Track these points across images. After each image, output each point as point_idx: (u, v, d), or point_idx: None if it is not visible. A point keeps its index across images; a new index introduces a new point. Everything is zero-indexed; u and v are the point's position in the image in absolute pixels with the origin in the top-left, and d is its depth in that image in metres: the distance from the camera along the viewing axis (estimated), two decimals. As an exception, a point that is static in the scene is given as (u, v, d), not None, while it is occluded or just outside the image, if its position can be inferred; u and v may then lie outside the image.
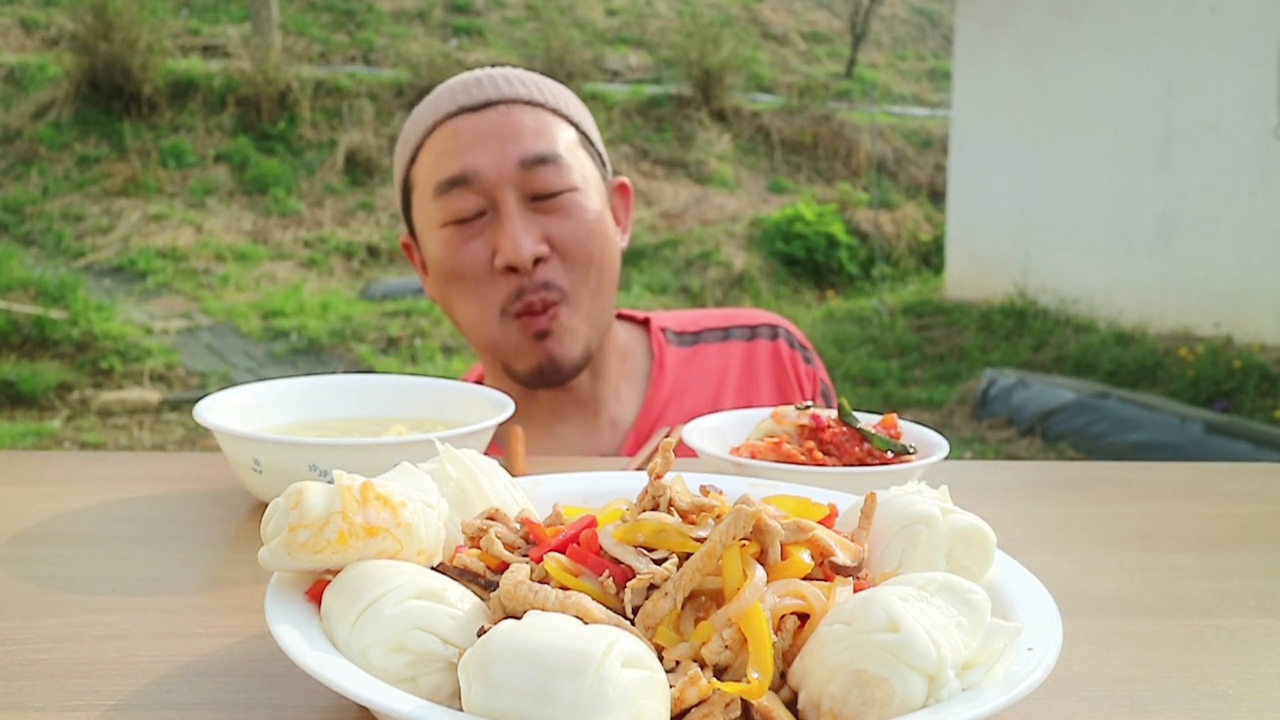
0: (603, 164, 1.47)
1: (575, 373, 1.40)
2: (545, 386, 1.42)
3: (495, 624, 0.53)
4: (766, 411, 1.05)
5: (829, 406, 1.42)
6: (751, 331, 1.61)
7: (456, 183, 1.33)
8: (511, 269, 1.32)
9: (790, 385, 1.56)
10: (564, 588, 0.57)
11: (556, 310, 1.35)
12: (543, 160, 1.33)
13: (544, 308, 1.34)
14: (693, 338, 1.60)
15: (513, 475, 1.16)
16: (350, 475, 0.60)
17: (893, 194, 13.12)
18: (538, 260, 1.33)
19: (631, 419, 1.50)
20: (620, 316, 1.61)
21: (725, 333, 1.62)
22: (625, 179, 1.53)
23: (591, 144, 1.44)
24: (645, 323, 1.62)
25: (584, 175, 1.38)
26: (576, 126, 1.42)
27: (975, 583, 0.57)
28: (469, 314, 1.38)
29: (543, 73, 1.47)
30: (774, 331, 1.62)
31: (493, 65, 1.43)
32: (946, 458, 0.99)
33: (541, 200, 1.34)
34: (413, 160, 1.40)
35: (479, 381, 1.55)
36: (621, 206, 1.51)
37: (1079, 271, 8.85)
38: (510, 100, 1.37)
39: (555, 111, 1.39)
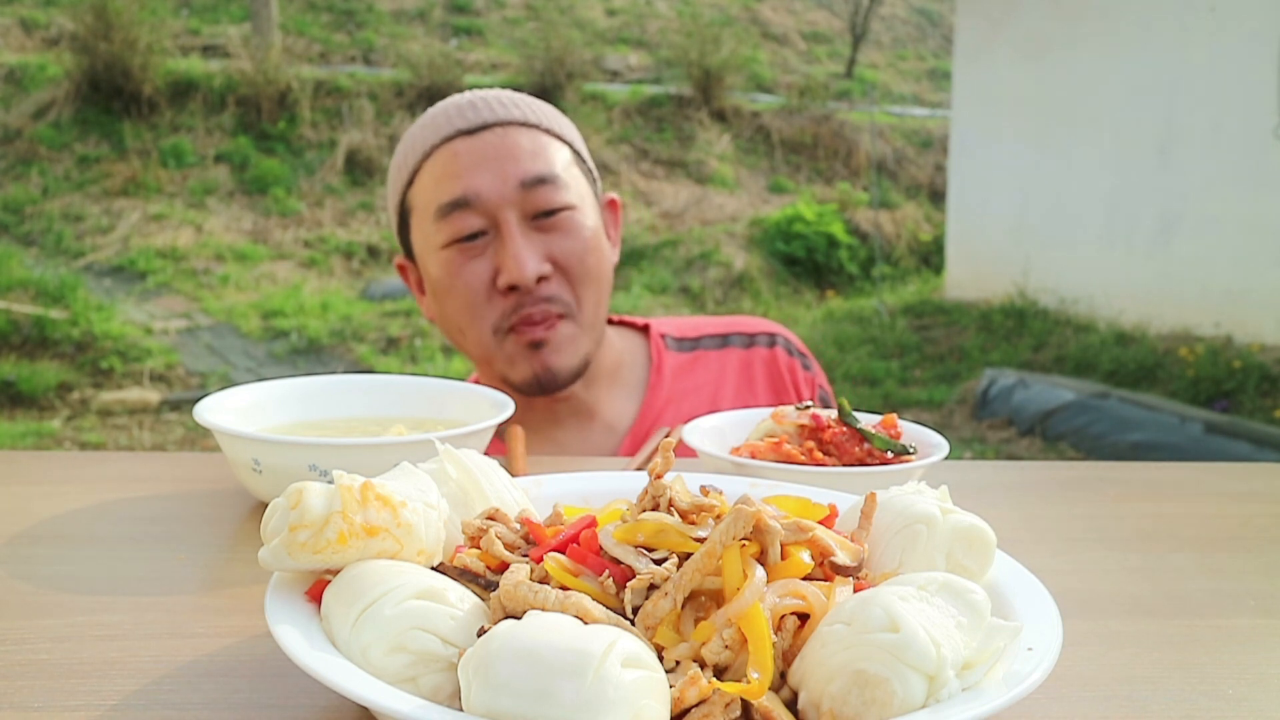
0: (593, 181, 1.51)
1: (572, 381, 1.43)
2: (542, 394, 1.44)
3: (495, 624, 0.53)
4: (766, 412, 1.05)
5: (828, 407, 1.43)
6: (750, 339, 1.63)
7: (458, 205, 1.35)
8: (513, 288, 1.36)
9: (788, 392, 1.58)
10: (564, 588, 0.57)
11: (558, 324, 1.39)
12: (542, 180, 1.37)
13: (544, 319, 1.38)
14: (692, 344, 1.62)
15: (513, 475, 1.16)
16: (350, 475, 0.60)
17: (893, 194, 13.12)
18: (541, 279, 1.36)
19: (628, 424, 1.52)
20: (621, 323, 1.64)
21: (724, 339, 1.63)
22: (615, 195, 1.58)
23: (583, 161, 1.48)
24: (645, 329, 1.64)
25: (580, 193, 1.42)
26: (570, 145, 1.45)
27: (975, 583, 0.57)
28: (468, 331, 1.41)
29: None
30: (772, 339, 1.63)
31: (481, 88, 1.49)
32: (946, 458, 0.99)
33: (541, 219, 1.37)
34: (409, 184, 1.43)
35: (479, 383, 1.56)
36: (612, 222, 1.55)
37: (1079, 271, 8.85)
38: (506, 122, 1.40)
39: (549, 132, 1.43)
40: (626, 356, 1.59)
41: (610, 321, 1.63)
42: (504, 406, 1.05)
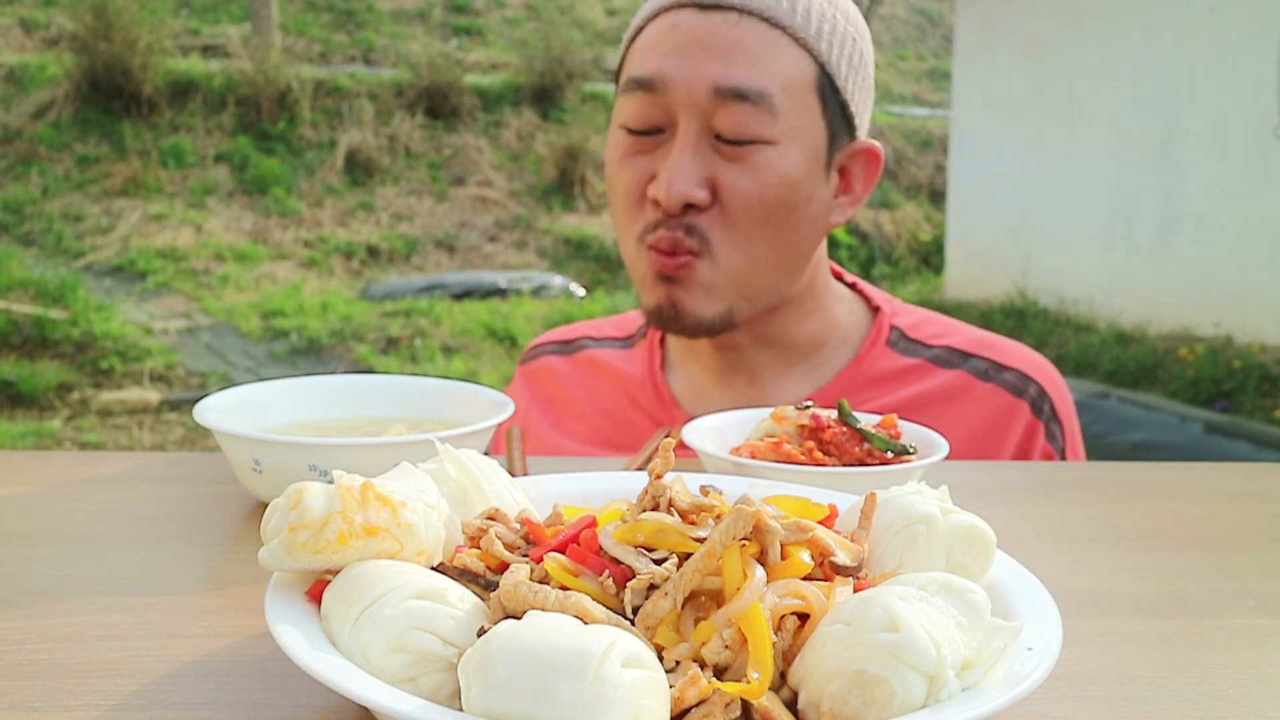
0: (846, 119, 1.24)
1: (704, 332, 1.24)
2: (666, 330, 1.27)
3: (495, 624, 0.53)
4: (766, 412, 1.05)
5: None
6: (995, 370, 1.30)
7: (643, 85, 1.18)
8: (658, 203, 1.18)
9: (1005, 454, 1.26)
10: (564, 588, 0.57)
11: (692, 262, 1.19)
12: (741, 95, 1.14)
13: (673, 250, 1.19)
14: (919, 349, 1.33)
15: (513, 476, 1.15)
16: (350, 475, 0.60)
17: (893, 194, 13.12)
18: (689, 206, 1.17)
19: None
20: (853, 287, 1.40)
21: (961, 358, 1.31)
22: (877, 145, 1.29)
23: (837, 92, 1.21)
24: (877, 310, 1.38)
25: (794, 126, 1.17)
26: (823, 66, 1.19)
27: (975, 583, 0.57)
28: (619, 231, 1.26)
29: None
30: (1024, 385, 1.28)
31: None
32: (946, 458, 0.99)
33: (726, 143, 1.17)
34: (633, 39, 1.25)
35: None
36: (862, 174, 1.29)
37: (1079, 271, 8.85)
38: (747, 10, 1.16)
39: (799, 40, 1.17)
40: (836, 335, 1.34)
41: (850, 286, 1.40)
42: (504, 406, 1.05)
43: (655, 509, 0.63)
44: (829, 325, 1.34)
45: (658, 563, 0.58)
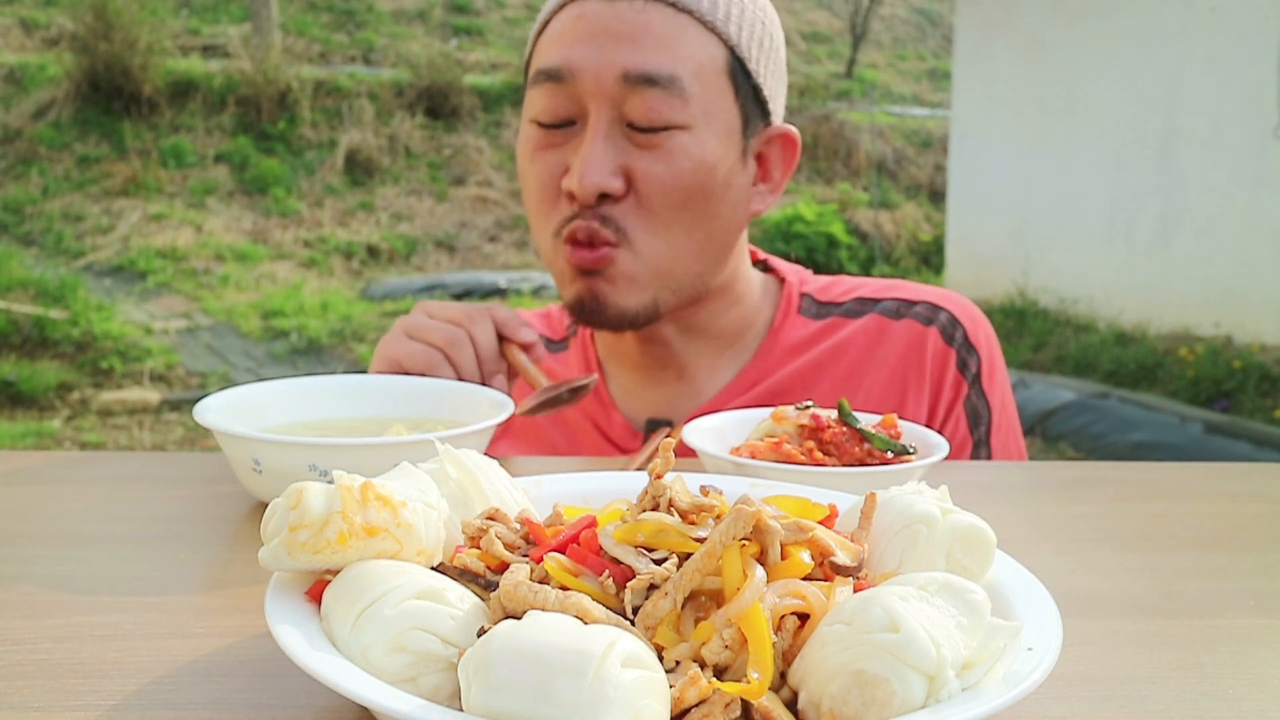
0: (759, 104, 1.21)
1: (628, 324, 1.22)
2: (589, 324, 1.24)
3: (495, 624, 0.53)
4: (766, 412, 1.05)
5: (975, 429, 1.26)
6: (904, 308, 1.29)
7: (551, 76, 1.15)
8: (573, 196, 1.16)
9: (923, 387, 1.25)
10: (564, 588, 0.57)
11: (611, 253, 1.17)
12: (650, 80, 1.11)
13: (590, 241, 1.16)
14: (831, 309, 1.32)
15: (533, 387, 1.15)
16: (350, 475, 0.60)
17: (893, 194, 13.13)
18: (604, 196, 1.15)
19: (715, 393, 1.30)
20: (766, 265, 1.39)
21: (871, 305, 1.31)
22: (793, 130, 1.26)
23: (749, 76, 1.18)
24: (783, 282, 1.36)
25: (707, 111, 1.15)
26: (733, 50, 1.17)
27: (975, 583, 0.57)
28: (534, 227, 1.24)
29: None
30: (933, 314, 1.28)
31: None
32: (946, 458, 0.99)
33: (638, 131, 1.14)
34: (540, 32, 1.22)
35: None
36: (780, 160, 1.26)
37: (1079, 271, 8.85)
38: None
39: (707, 24, 1.15)
40: (753, 314, 1.33)
41: (763, 266, 1.39)
42: (504, 406, 1.05)
43: (655, 509, 0.63)
44: (752, 310, 1.33)
45: (658, 563, 0.58)
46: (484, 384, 1.16)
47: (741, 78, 1.18)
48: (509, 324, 1.18)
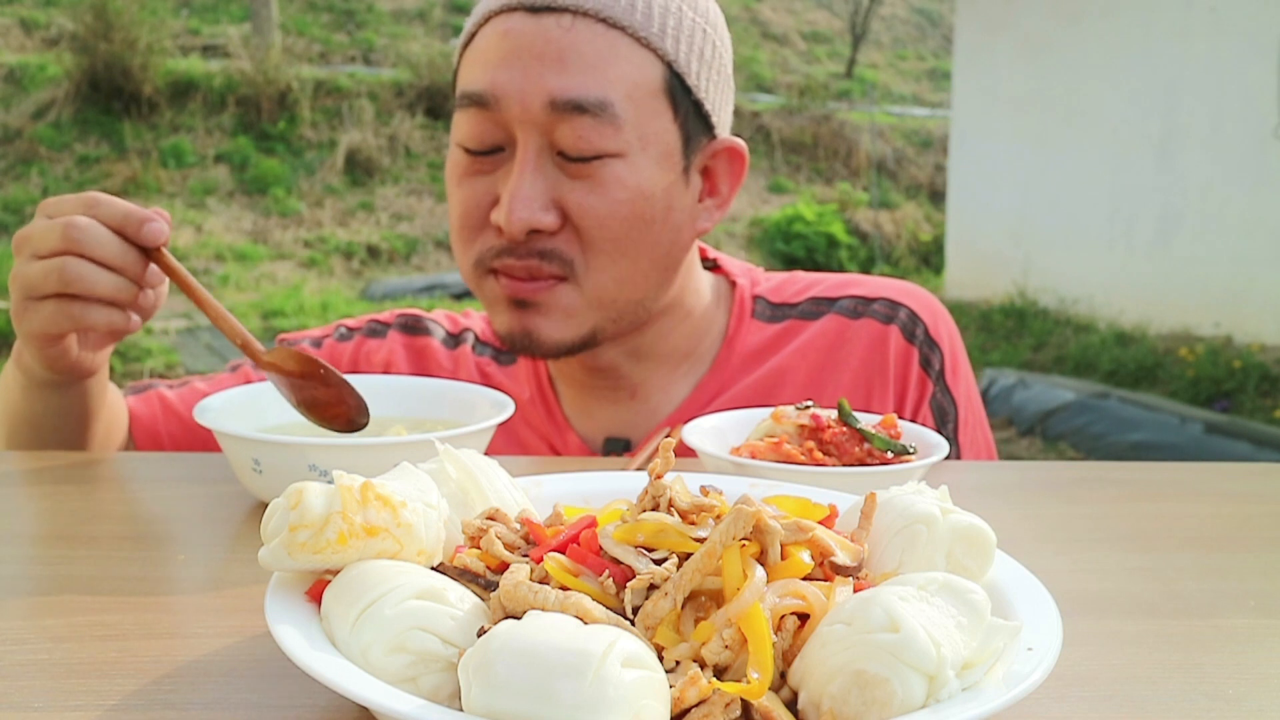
0: (702, 118, 1.14)
1: (564, 353, 1.17)
2: (519, 354, 1.20)
3: (495, 624, 0.53)
4: (766, 412, 1.05)
5: (943, 427, 1.22)
6: (862, 306, 1.24)
7: (475, 101, 1.08)
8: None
9: (888, 389, 1.21)
10: (564, 588, 0.57)
11: (554, 286, 1.12)
12: (579, 108, 1.04)
13: (528, 276, 1.11)
14: (787, 311, 1.27)
15: (194, 297, 1.02)
16: (350, 475, 0.60)
17: (893, 194, 13.13)
18: (535, 232, 1.09)
19: (673, 409, 1.25)
20: (715, 268, 1.32)
21: (828, 305, 1.25)
22: (739, 142, 1.19)
23: (688, 91, 1.11)
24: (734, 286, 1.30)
25: (642, 135, 1.08)
26: (671, 65, 1.09)
27: (975, 583, 0.57)
28: (457, 254, 1.18)
29: None
30: (893, 311, 1.23)
31: None
32: (946, 457, 0.99)
33: (570, 160, 1.08)
34: (465, 49, 1.15)
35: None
36: (727, 174, 1.20)
37: (1079, 271, 8.85)
38: (581, 10, 1.06)
39: (641, 39, 1.07)
40: (705, 324, 1.26)
41: (712, 264, 1.33)
42: (504, 406, 1.05)
43: (655, 509, 0.63)
44: (704, 321, 1.27)
45: (658, 563, 0.58)
46: (137, 301, 1.02)
47: (681, 94, 1.11)
48: (130, 221, 0.98)
